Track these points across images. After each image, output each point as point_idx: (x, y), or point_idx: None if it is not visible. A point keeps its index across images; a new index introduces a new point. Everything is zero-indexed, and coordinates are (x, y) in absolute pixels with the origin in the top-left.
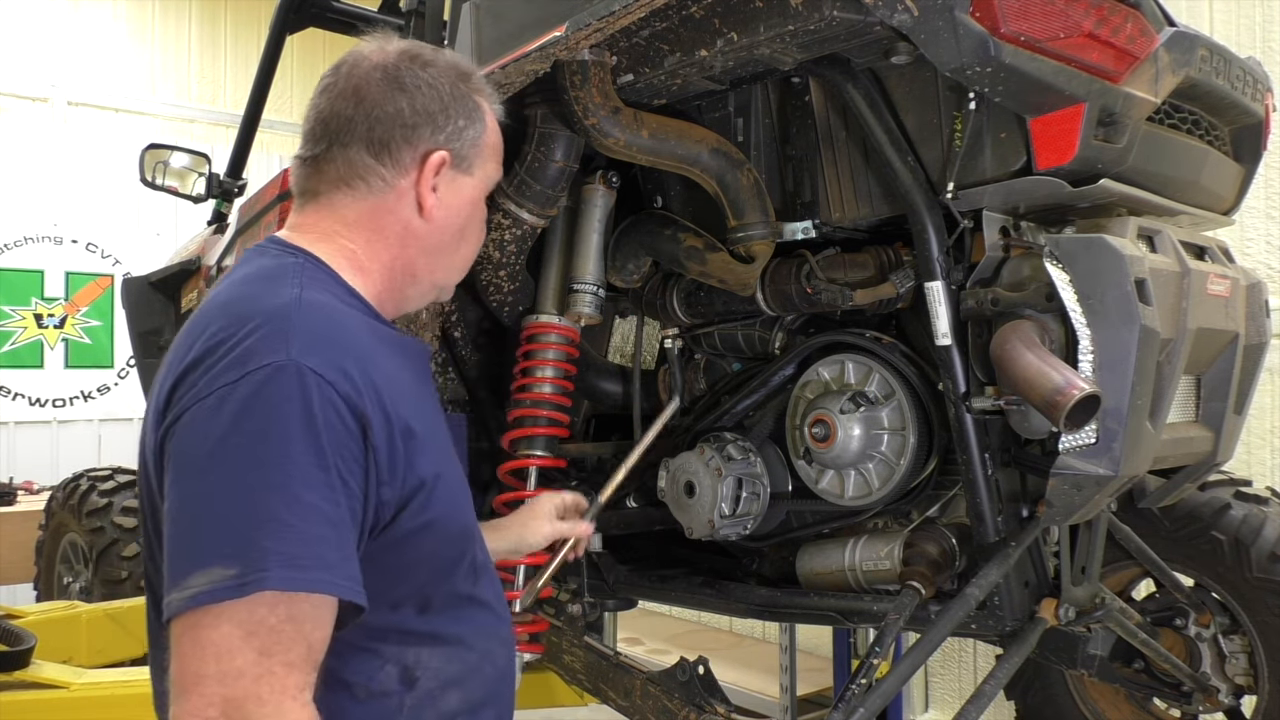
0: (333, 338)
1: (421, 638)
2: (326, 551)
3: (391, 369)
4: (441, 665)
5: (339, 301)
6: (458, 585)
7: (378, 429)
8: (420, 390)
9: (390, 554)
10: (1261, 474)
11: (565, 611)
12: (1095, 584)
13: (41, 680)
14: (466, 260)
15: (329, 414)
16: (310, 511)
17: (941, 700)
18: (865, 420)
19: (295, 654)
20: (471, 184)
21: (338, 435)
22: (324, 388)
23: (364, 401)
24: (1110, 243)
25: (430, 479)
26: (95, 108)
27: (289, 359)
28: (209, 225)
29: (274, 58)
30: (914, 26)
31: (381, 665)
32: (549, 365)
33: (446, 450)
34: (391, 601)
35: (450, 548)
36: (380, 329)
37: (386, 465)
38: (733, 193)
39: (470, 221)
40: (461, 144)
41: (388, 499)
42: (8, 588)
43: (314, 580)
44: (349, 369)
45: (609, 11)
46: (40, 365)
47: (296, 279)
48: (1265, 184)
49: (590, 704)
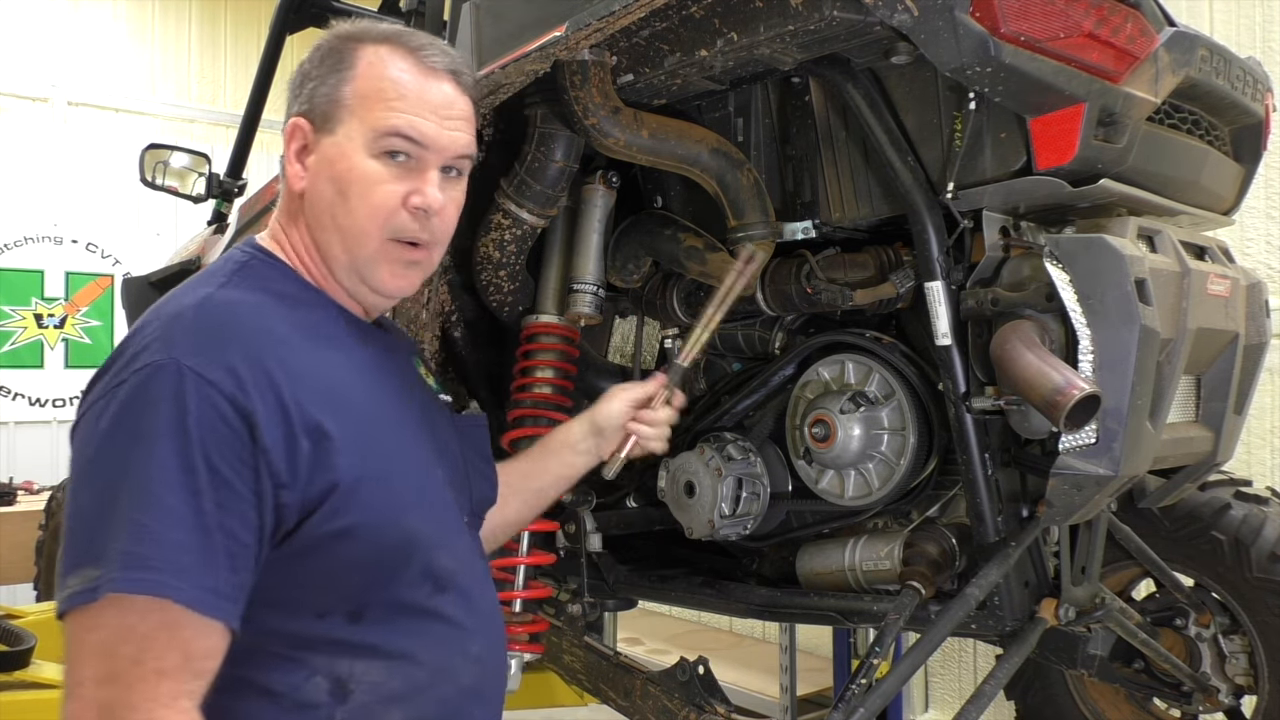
0: (225, 335)
1: (356, 649)
2: (178, 555)
3: (312, 365)
4: (381, 679)
5: (268, 296)
6: (401, 595)
7: (269, 428)
8: (375, 385)
9: (305, 559)
10: (1261, 474)
11: (565, 611)
12: (1095, 584)
13: (41, 680)
14: (364, 229)
15: (207, 413)
16: (165, 513)
17: (941, 700)
18: (865, 420)
19: (169, 661)
20: (334, 143)
21: (218, 436)
22: (203, 387)
23: (252, 401)
24: (1110, 243)
25: (349, 482)
26: (95, 108)
27: (169, 358)
28: (209, 225)
29: (274, 58)
30: (914, 26)
31: (309, 675)
32: (549, 365)
33: (400, 451)
34: (317, 610)
35: (385, 556)
36: (316, 320)
37: (285, 467)
38: (733, 193)
39: (347, 183)
40: (315, 103)
41: (289, 502)
42: (8, 588)
43: (154, 583)
44: (237, 367)
45: (609, 11)
46: (40, 365)
47: (223, 277)
48: (1265, 184)
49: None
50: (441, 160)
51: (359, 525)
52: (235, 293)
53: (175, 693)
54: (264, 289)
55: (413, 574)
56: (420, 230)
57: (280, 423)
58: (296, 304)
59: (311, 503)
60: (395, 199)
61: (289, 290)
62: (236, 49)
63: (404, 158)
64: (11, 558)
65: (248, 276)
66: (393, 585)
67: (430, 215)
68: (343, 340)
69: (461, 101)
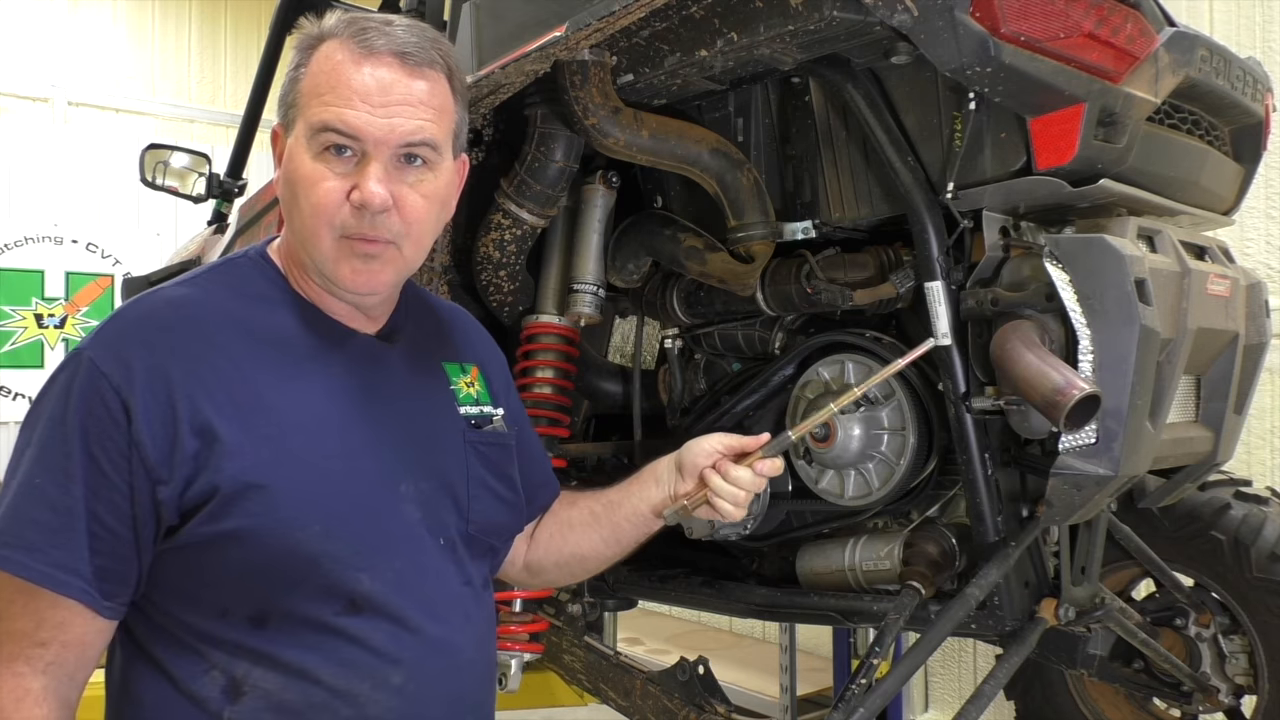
0: (134, 332)
1: (255, 655)
2: (31, 533)
3: (234, 368)
4: (273, 689)
5: (229, 297)
6: (301, 609)
7: (146, 423)
8: (318, 391)
9: (196, 557)
10: (1261, 474)
11: (565, 611)
12: (1095, 584)
13: None
14: (312, 229)
15: (92, 401)
16: (33, 494)
17: (941, 700)
18: (865, 420)
19: (19, 626)
20: (289, 145)
21: (99, 423)
22: (95, 377)
23: (133, 393)
24: (1110, 243)
25: (233, 488)
26: (95, 108)
27: (82, 349)
28: (209, 225)
29: (274, 58)
30: (914, 26)
31: (207, 670)
32: (549, 365)
33: (313, 463)
34: (219, 608)
35: (276, 567)
36: (271, 323)
37: (160, 461)
38: (733, 193)
39: (295, 184)
40: (284, 108)
41: (165, 498)
42: None
43: (4, 559)
44: (132, 361)
45: (609, 11)
46: (41, 365)
47: (195, 275)
48: (1265, 184)
49: (590, 704)
50: (386, 151)
51: (244, 532)
52: (191, 290)
53: (13, 654)
54: (232, 288)
55: (312, 590)
56: (368, 227)
57: (162, 419)
58: (261, 305)
59: (192, 501)
60: (336, 195)
61: (260, 291)
62: (236, 49)
63: (348, 152)
64: None
65: (223, 275)
66: (290, 598)
67: (375, 210)
68: (296, 346)
69: (409, 84)
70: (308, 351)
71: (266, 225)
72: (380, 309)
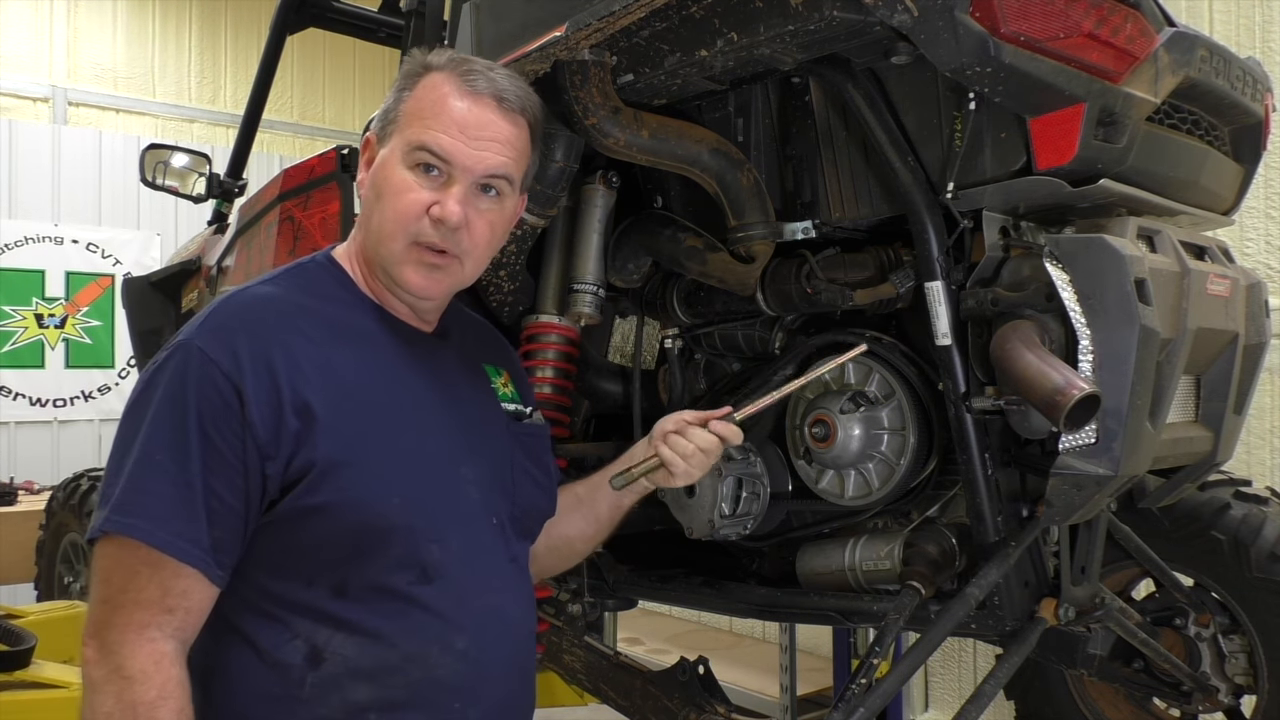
0: (236, 323)
1: (336, 622)
2: (155, 505)
3: (322, 356)
4: (353, 654)
5: (303, 295)
6: (381, 579)
7: (256, 405)
8: (393, 378)
9: (290, 529)
10: (1261, 474)
11: (565, 611)
12: (1095, 584)
13: (42, 680)
14: (390, 231)
15: (205, 388)
16: (155, 469)
17: (941, 700)
18: (865, 420)
19: (147, 594)
20: (384, 154)
21: (213, 407)
22: (206, 365)
23: (244, 379)
24: (1110, 243)
25: (327, 463)
26: (95, 108)
27: (189, 340)
28: (209, 225)
29: (274, 58)
30: (914, 26)
31: (291, 638)
32: (549, 365)
33: (399, 440)
34: (305, 577)
35: (361, 537)
36: (342, 317)
37: (269, 440)
38: (733, 193)
39: (383, 189)
40: (382, 123)
41: (272, 474)
42: (8, 588)
43: (129, 525)
44: (238, 349)
45: (609, 11)
46: (41, 365)
47: (272, 278)
48: (1265, 184)
49: (590, 704)
50: (470, 178)
51: (330, 506)
52: (271, 289)
53: (145, 622)
54: (305, 289)
55: (392, 560)
56: (441, 239)
57: (270, 401)
58: (331, 303)
59: (293, 476)
60: (418, 206)
61: (330, 292)
62: (236, 49)
63: (436, 172)
64: (11, 558)
65: (296, 278)
66: (371, 567)
67: (451, 227)
68: (370, 338)
69: (501, 124)
70: (379, 342)
71: (266, 225)
72: (432, 314)
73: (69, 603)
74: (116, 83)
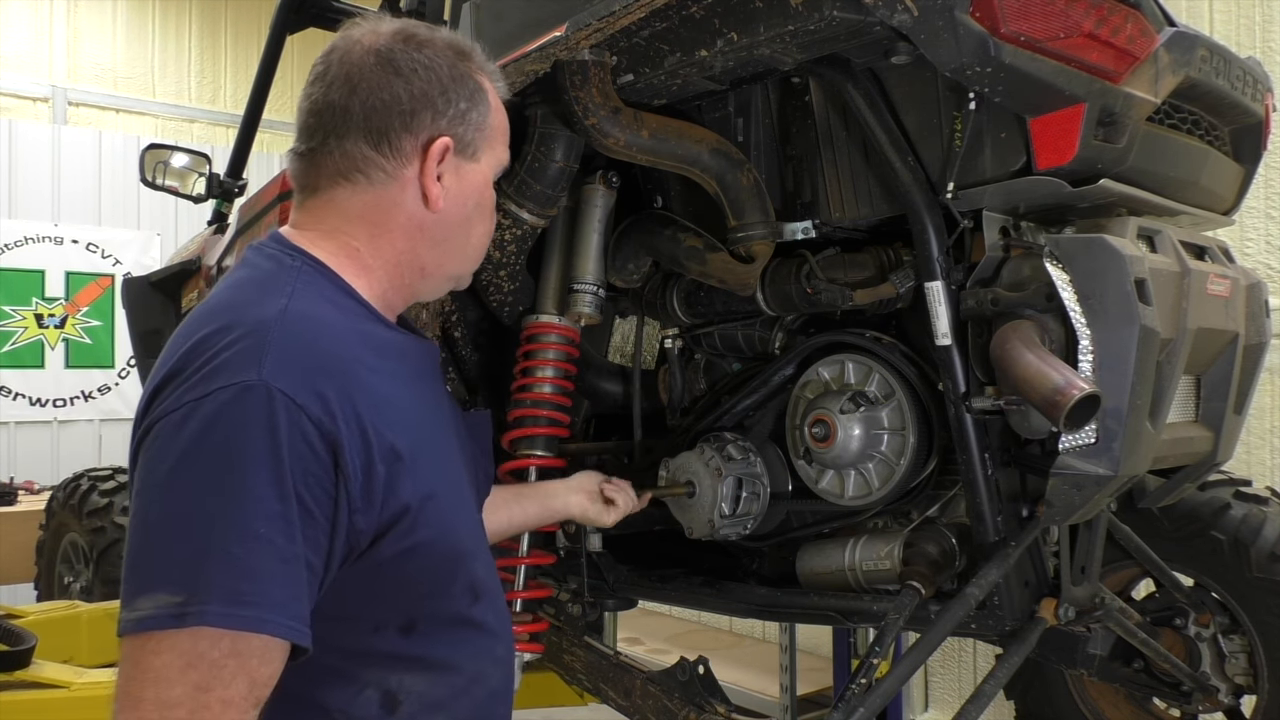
0: (311, 357)
1: (407, 662)
2: (273, 589)
3: (383, 384)
4: (426, 689)
5: (333, 310)
6: (449, 607)
7: (352, 456)
8: (422, 397)
9: (370, 578)
10: (1261, 474)
11: (565, 611)
12: (1095, 584)
13: (42, 680)
14: (479, 249)
15: (296, 441)
16: (262, 545)
17: (941, 700)
18: (865, 420)
19: (234, 691)
20: (478, 170)
21: (305, 464)
22: (293, 412)
23: (338, 427)
24: (1110, 243)
25: (416, 503)
26: (95, 108)
27: (259, 379)
28: (209, 225)
29: (274, 58)
30: (914, 26)
31: (360, 690)
32: (549, 365)
33: (445, 463)
34: (374, 624)
35: (439, 570)
36: (378, 335)
37: (362, 493)
38: (733, 193)
39: (478, 209)
40: (465, 128)
41: (363, 527)
42: (8, 588)
43: (254, 619)
44: (325, 391)
45: (609, 11)
46: (41, 365)
47: (289, 286)
48: (1265, 184)
49: (590, 704)
50: None
51: (422, 543)
52: (308, 305)
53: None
54: (324, 298)
55: (459, 586)
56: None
57: (363, 449)
58: (351, 316)
59: (385, 524)
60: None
61: (341, 302)
62: (236, 49)
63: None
64: (12, 558)
65: (308, 285)
66: (443, 598)
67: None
68: (395, 353)
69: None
70: (400, 358)
71: (267, 225)
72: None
73: (69, 603)
74: (116, 83)
